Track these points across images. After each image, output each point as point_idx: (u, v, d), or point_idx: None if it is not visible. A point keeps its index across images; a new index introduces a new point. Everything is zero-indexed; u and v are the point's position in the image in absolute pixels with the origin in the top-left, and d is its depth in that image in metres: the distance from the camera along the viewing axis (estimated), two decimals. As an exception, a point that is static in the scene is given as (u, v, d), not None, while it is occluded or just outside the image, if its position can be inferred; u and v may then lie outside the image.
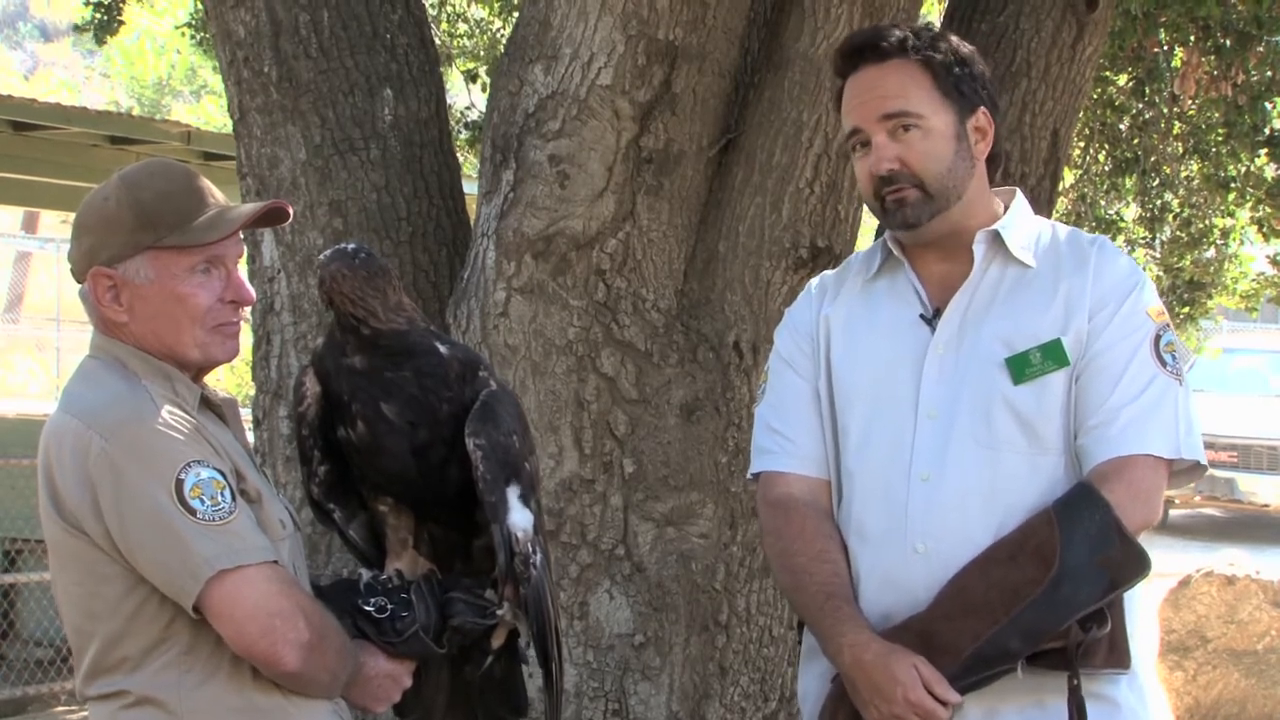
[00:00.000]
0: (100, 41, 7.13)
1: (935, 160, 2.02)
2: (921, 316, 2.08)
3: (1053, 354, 1.99)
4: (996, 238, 2.06)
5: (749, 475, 2.24)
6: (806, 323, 2.18)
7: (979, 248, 2.05)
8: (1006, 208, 2.12)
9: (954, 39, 2.10)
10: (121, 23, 6.96)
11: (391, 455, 2.07)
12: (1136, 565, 1.92)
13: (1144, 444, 1.96)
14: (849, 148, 2.11)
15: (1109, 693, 1.98)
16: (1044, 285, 2.04)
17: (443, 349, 2.09)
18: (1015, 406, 1.99)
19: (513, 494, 2.06)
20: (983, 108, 2.07)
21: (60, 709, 6.41)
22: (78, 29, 7.24)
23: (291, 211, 2.10)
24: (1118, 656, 1.94)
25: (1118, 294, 2.01)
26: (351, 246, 2.08)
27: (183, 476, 1.84)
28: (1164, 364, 2.00)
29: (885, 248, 2.14)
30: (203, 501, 1.84)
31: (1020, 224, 2.09)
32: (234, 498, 1.88)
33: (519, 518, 2.06)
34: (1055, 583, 1.89)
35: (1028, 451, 2.00)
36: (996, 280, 2.06)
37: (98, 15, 6.79)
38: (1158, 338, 2.00)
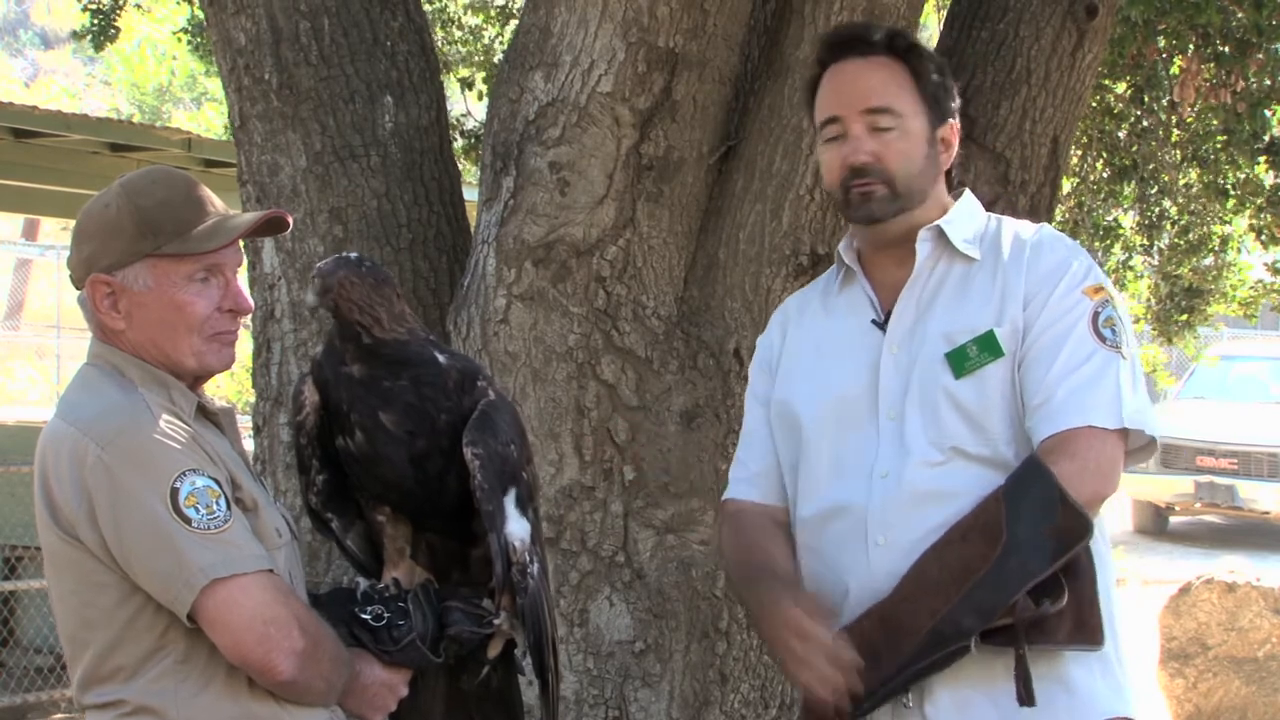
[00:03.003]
0: (98, 48, 7.14)
1: (908, 161, 2.06)
2: (873, 322, 2.11)
3: (987, 345, 2.01)
4: (940, 234, 2.09)
5: (722, 500, 2.33)
6: (772, 353, 2.26)
7: (923, 245, 2.08)
8: None
9: (932, 50, 2.16)
10: (118, 30, 6.97)
11: (390, 464, 2.07)
12: (1080, 530, 1.92)
13: (1084, 416, 1.97)
14: (821, 137, 2.13)
15: (1075, 674, 1.97)
16: (984, 279, 2.07)
17: (441, 359, 2.09)
18: (959, 401, 2.02)
19: (510, 503, 2.06)
20: (951, 120, 2.12)
21: (59, 716, 6.40)
22: (76, 35, 7.26)
23: (291, 220, 2.10)
24: (1087, 633, 1.94)
25: (1051, 279, 2.03)
26: (355, 255, 2.09)
27: (178, 485, 1.84)
28: (1103, 339, 2.00)
29: (840, 260, 2.19)
30: (198, 510, 1.84)
31: (964, 219, 2.12)
32: (229, 506, 1.87)
33: (516, 527, 2.07)
34: (1003, 556, 1.91)
35: (975, 444, 2.01)
36: (942, 277, 2.09)
37: (95, 22, 6.81)
38: (1095, 315, 2.01)
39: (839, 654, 1.95)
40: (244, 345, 2.09)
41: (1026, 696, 1.91)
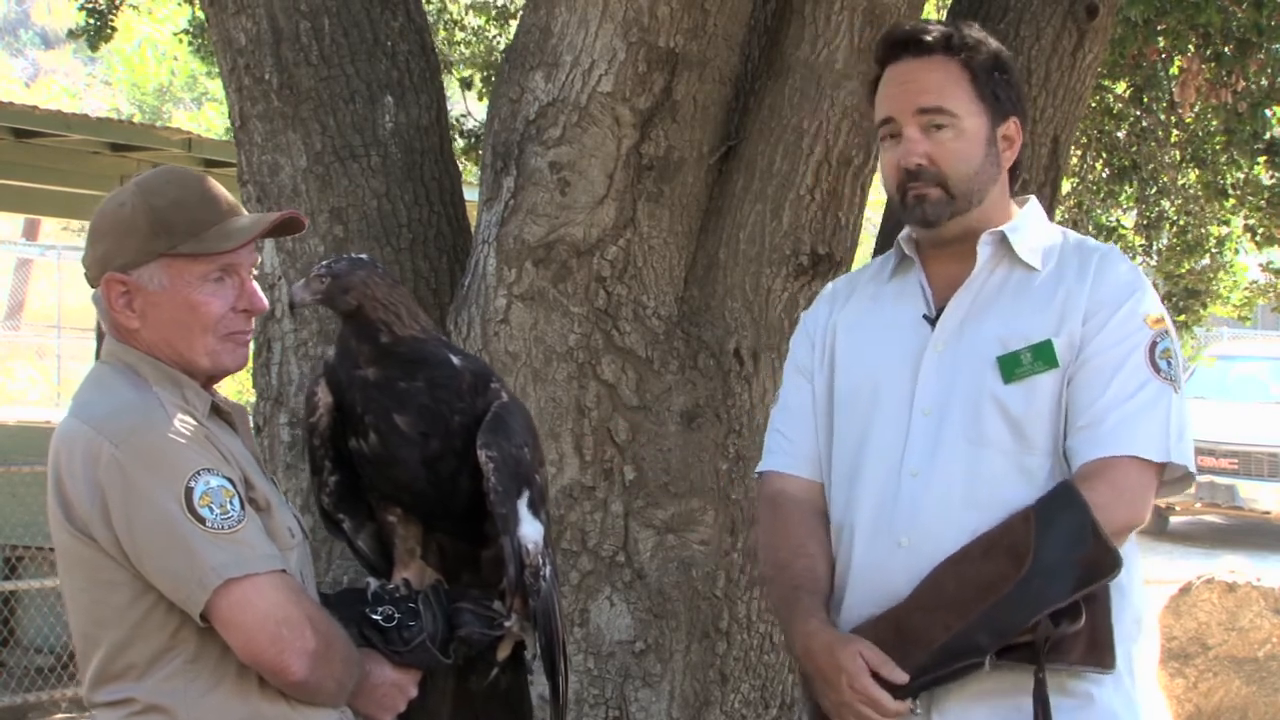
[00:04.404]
0: (93, 47, 7.15)
1: (964, 162, 2.04)
2: (924, 315, 2.10)
3: (1043, 355, 2.00)
4: (1003, 240, 2.07)
5: (755, 473, 2.30)
6: (817, 328, 2.23)
7: (984, 248, 2.07)
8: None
9: (995, 42, 2.10)
10: (114, 29, 6.97)
11: (403, 466, 2.07)
12: (1108, 566, 1.92)
13: (1131, 445, 1.96)
14: (879, 137, 2.12)
15: (1087, 689, 1.97)
16: (1045, 289, 2.05)
17: (455, 360, 2.10)
18: (1004, 405, 2.00)
19: (523, 506, 2.07)
20: (1014, 117, 2.08)
21: (60, 716, 6.40)
22: (71, 34, 7.27)
23: (306, 222, 2.10)
24: (1097, 655, 1.94)
25: (1114, 299, 2.02)
26: (366, 257, 2.11)
27: (192, 485, 1.84)
28: (1158, 370, 1.99)
29: (899, 249, 2.16)
30: (212, 510, 1.84)
31: (1030, 228, 2.10)
32: (243, 506, 1.88)
33: (529, 530, 2.07)
34: (1026, 579, 1.90)
35: (1015, 451, 2.01)
36: (1001, 281, 2.08)
37: (91, 21, 6.81)
38: (1154, 344, 2.00)
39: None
40: (245, 345, 2.10)
41: (1045, 718, 1.91)
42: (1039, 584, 1.90)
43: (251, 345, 2.07)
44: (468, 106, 7.54)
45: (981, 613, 1.91)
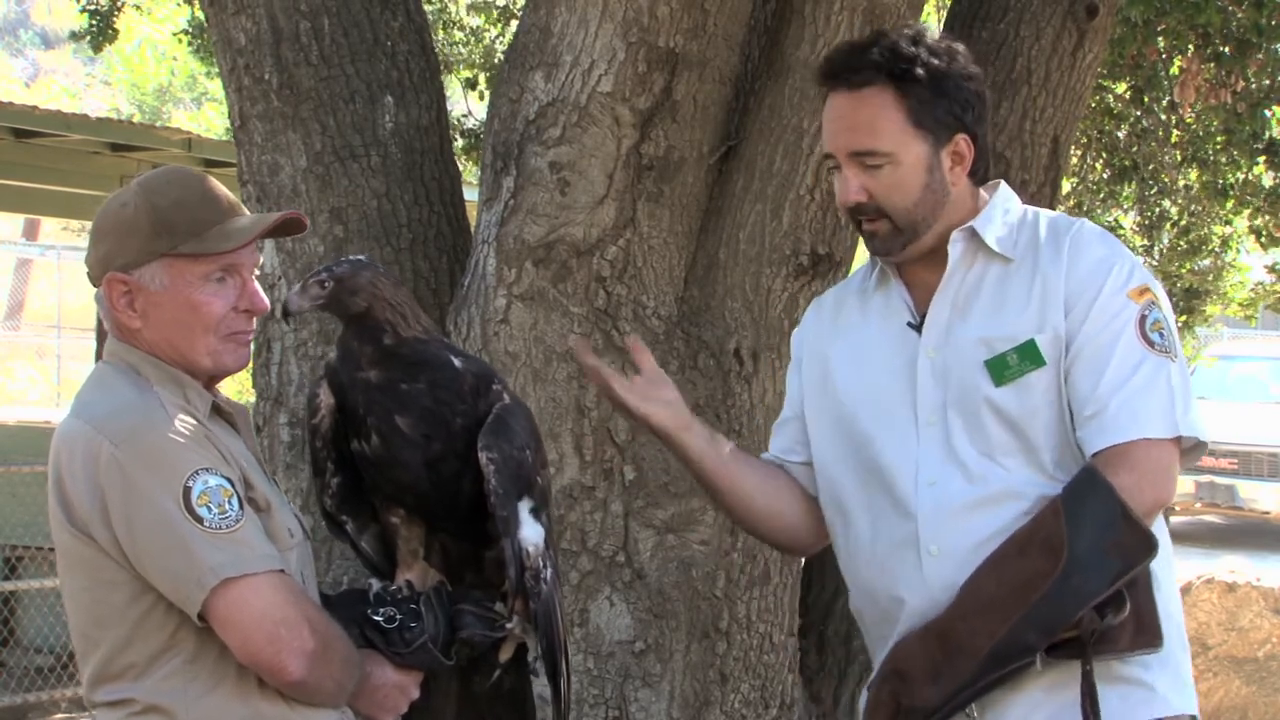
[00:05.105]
0: (96, 49, 7.18)
1: (902, 194, 2.02)
2: (909, 324, 2.09)
3: (1029, 355, 1.99)
4: (973, 235, 2.06)
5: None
6: (803, 351, 2.26)
7: (955, 247, 2.05)
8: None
9: (943, 49, 2.05)
10: (116, 31, 6.99)
11: (405, 467, 2.08)
12: (1143, 548, 1.91)
13: (1139, 428, 1.95)
14: (827, 168, 2.13)
15: (1142, 676, 1.96)
16: (1023, 280, 2.03)
17: (457, 362, 2.11)
18: (1000, 408, 2.00)
19: (524, 508, 2.07)
20: (961, 134, 2.04)
21: (60, 716, 6.41)
22: (74, 36, 7.29)
23: (307, 222, 2.10)
24: (1147, 637, 1.93)
25: (1093, 282, 1.99)
26: (366, 258, 2.12)
27: (190, 484, 1.84)
28: (1152, 344, 1.97)
29: (875, 261, 2.16)
30: (210, 509, 1.84)
31: (999, 217, 2.08)
32: (241, 506, 1.88)
33: (530, 532, 2.07)
34: (1065, 573, 1.89)
35: (1021, 450, 2.00)
36: (978, 278, 2.06)
37: (93, 23, 6.83)
38: (1142, 319, 1.98)
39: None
40: (246, 345, 2.10)
41: (1093, 714, 1.90)
42: (1078, 578, 1.89)
43: (251, 345, 2.07)
44: (468, 106, 7.55)
45: (1025, 613, 1.90)
